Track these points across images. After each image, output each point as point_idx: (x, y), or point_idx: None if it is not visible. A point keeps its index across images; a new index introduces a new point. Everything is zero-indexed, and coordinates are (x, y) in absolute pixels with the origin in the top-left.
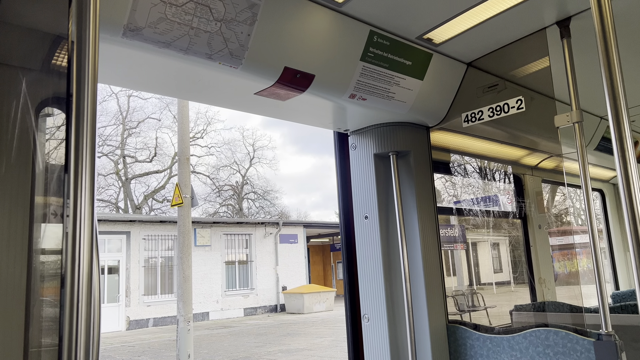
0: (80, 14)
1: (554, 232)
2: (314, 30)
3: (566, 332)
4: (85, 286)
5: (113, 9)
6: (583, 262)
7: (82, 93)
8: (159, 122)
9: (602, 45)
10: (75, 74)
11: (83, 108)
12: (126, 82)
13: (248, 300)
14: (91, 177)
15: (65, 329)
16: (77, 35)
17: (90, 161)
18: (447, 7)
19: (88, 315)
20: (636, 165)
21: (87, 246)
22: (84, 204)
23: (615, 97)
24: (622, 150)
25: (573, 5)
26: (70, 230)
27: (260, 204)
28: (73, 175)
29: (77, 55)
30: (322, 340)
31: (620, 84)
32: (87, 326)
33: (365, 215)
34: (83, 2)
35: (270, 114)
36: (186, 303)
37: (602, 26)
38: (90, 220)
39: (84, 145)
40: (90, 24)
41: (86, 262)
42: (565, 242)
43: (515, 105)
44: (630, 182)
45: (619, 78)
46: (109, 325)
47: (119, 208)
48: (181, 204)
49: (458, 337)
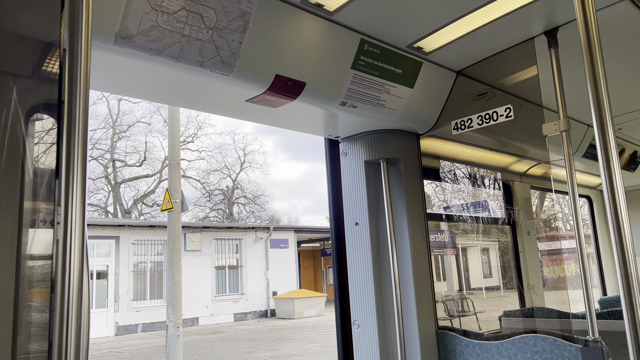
0: (73, 21)
1: (542, 237)
2: (306, 39)
3: (554, 338)
4: (75, 293)
5: (105, 17)
6: (571, 267)
7: (74, 100)
8: (149, 126)
9: (587, 55)
10: (67, 81)
11: (75, 115)
12: (117, 89)
13: (238, 306)
14: (82, 183)
15: (55, 336)
16: (69, 42)
17: (82, 168)
18: (437, 17)
19: (78, 322)
20: (620, 173)
21: (78, 255)
22: (75, 212)
23: (600, 107)
24: (607, 158)
25: (560, 16)
26: (60, 238)
27: (250, 209)
28: (64, 182)
29: (69, 62)
30: (313, 345)
31: (605, 94)
32: (77, 333)
33: (356, 221)
34: (75, 10)
35: (262, 121)
36: (176, 309)
37: (587, 36)
38: (82, 229)
39: (75, 153)
40: (83, 32)
41: (77, 270)
42: (553, 247)
43: (504, 114)
44: (614, 190)
45: (604, 88)
46: (98, 330)
47: (108, 212)
48: (171, 209)
49: (447, 343)
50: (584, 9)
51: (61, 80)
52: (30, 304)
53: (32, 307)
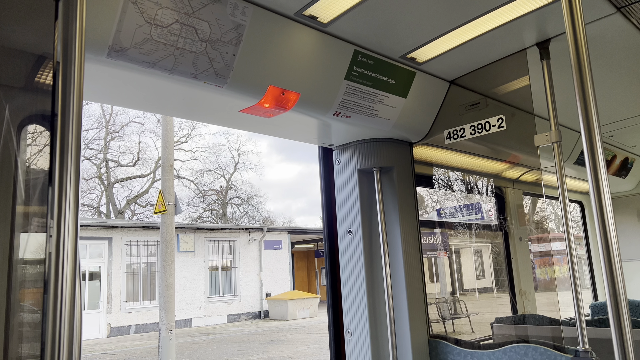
0: (66, 34)
1: (535, 239)
2: (299, 50)
3: (545, 348)
4: (68, 295)
5: (98, 30)
6: (564, 269)
7: (67, 113)
8: (143, 126)
9: (576, 68)
10: (60, 94)
11: (68, 128)
12: (111, 100)
13: (231, 307)
14: (75, 193)
15: (48, 338)
16: (62, 55)
17: (75, 178)
18: (431, 28)
19: (71, 324)
20: (608, 182)
21: (70, 270)
22: (68, 222)
23: (588, 118)
24: (594, 167)
25: (552, 28)
26: (53, 250)
27: (244, 209)
28: (57, 193)
29: (63, 75)
30: (306, 348)
31: (593, 105)
32: (70, 335)
33: (349, 229)
34: (68, 23)
35: (256, 130)
36: (168, 311)
37: (576, 49)
38: (74, 242)
39: (68, 163)
40: (76, 45)
41: (69, 276)
42: (546, 249)
43: (496, 124)
44: (601, 197)
45: (592, 99)
46: (90, 332)
47: (101, 213)
48: (164, 212)
49: (439, 352)
50: (573, 22)
51: (54, 93)
52: (23, 307)
53: (25, 312)
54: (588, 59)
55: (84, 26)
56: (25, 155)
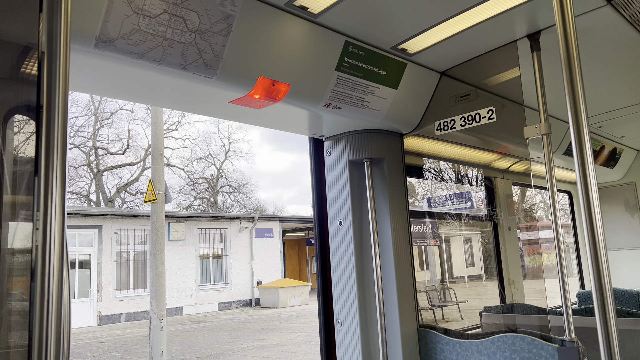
0: (51, 25)
1: (523, 228)
2: (290, 41)
3: (532, 337)
4: (55, 287)
5: (85, 20)
6: (552, 257)
7: (53, 104)
8: (132, 113)
9: (565, 59)
10: (45, 85)
11: (53, 119)
12: (99, 90)
13: (222, 295)
14: (62, 186)
15: (36, 326)
16: (47, 46)
17: (61, 170)
18: (422, 19)
19: (58, 315)
20: (594, 171)
21: (57, 263)
22: (55, 216)
23: (576, 109)
24: (581, 157)
25: (543, 20)
26: (40, 243)
27: (235, 197)
28: (43, 184)
29: (48, 66)
30: (297, 335)
31: (582, 97)
32: (58, 323)
33: (340, 220)
34: (53, 13)
35: (246, 121)
36: (159, 300)
37: (565, 41)
38: (61, 235)
39: (54, 157)
40: (62, 35)
41: (57, 264)
42: (534, 237)
43: (486, 116)
44: (588, 188)
45: (581, 91)
46: (80, 320)
47: (90, 201)
48: (154, 201)
49: (428, 341)
50: (563, 14)
51: (40, 84)
52: (11, 295)
53: (14, 298)
54: (577, 50)
55: (69, 16)
56: (11, 145)
